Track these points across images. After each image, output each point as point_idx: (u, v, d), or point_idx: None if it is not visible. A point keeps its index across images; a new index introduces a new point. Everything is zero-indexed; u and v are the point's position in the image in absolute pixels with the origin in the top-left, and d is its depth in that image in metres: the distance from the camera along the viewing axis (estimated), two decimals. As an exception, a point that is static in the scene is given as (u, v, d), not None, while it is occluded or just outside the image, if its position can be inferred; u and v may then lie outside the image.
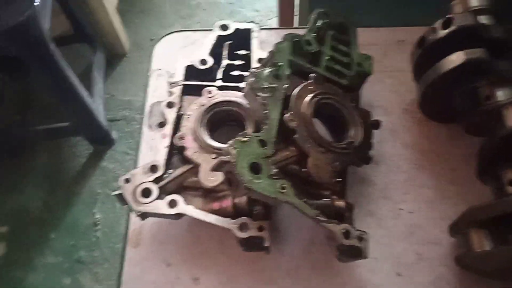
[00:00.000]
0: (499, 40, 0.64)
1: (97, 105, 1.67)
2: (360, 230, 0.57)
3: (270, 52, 0.68)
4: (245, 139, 0.56)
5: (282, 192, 0.54)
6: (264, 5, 2.20)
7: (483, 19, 0.66)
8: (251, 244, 0.60)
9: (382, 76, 0.77)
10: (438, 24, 0.68)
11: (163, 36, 0.90)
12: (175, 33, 0.90)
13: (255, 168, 0.54)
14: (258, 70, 0.66)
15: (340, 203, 0.58)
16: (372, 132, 0.66)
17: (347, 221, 0.57)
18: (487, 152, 0.63)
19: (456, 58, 0.64)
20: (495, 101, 0.62)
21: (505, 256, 0.55)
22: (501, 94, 0.62)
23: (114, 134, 1.77)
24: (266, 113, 0.60)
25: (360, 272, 0.61)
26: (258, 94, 0.63)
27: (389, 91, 0.78)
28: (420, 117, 0.75)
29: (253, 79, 0.65)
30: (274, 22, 2.05)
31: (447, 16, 0.67)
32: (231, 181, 0.60)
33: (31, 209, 1.65)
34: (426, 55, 0.70)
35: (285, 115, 0.59)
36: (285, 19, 1.32)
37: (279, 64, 0.64)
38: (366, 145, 0.64)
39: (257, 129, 0.64)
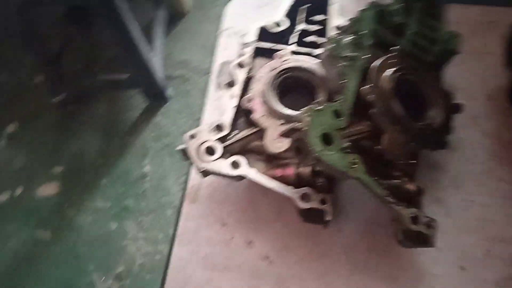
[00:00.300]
0: None
1: (155, 61, 1.69)
2: (429, 217, 0.54)
3: (352, 19, 0.64)
4: (319, 107, 0.54)
5: (353, 167, 0.52)
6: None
7: None
8: (311, 216, 0.58)
9: (468, 57, 0.71)
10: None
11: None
12: (248, -7, 0.88)
13: (326, 139, 0.53)
14: (338, 37, 0.63)
15: (411, 186, 0.55)
16: (453, 116, 0.61)
17: (416, 206, 0.55)
18: None
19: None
20: None
21: None
22: None
23: (169, 91, 1.80)
24: (343, 82, 0.57)
25: (421, 260, 0.59)
26: (337, 62, 0.60)
27: (474, 75, 0.72)
28: (506, 106, 0.69)
29: (332, 45, 0.62)
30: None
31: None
32: (299, 150, 0.59)
33: (86, 154, 1.73)
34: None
35: (364, 87, 0.56)
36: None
37: (362, 32, 0.61)
38: (445, 129, 0.60)
39: (329, 99, 0.61)
